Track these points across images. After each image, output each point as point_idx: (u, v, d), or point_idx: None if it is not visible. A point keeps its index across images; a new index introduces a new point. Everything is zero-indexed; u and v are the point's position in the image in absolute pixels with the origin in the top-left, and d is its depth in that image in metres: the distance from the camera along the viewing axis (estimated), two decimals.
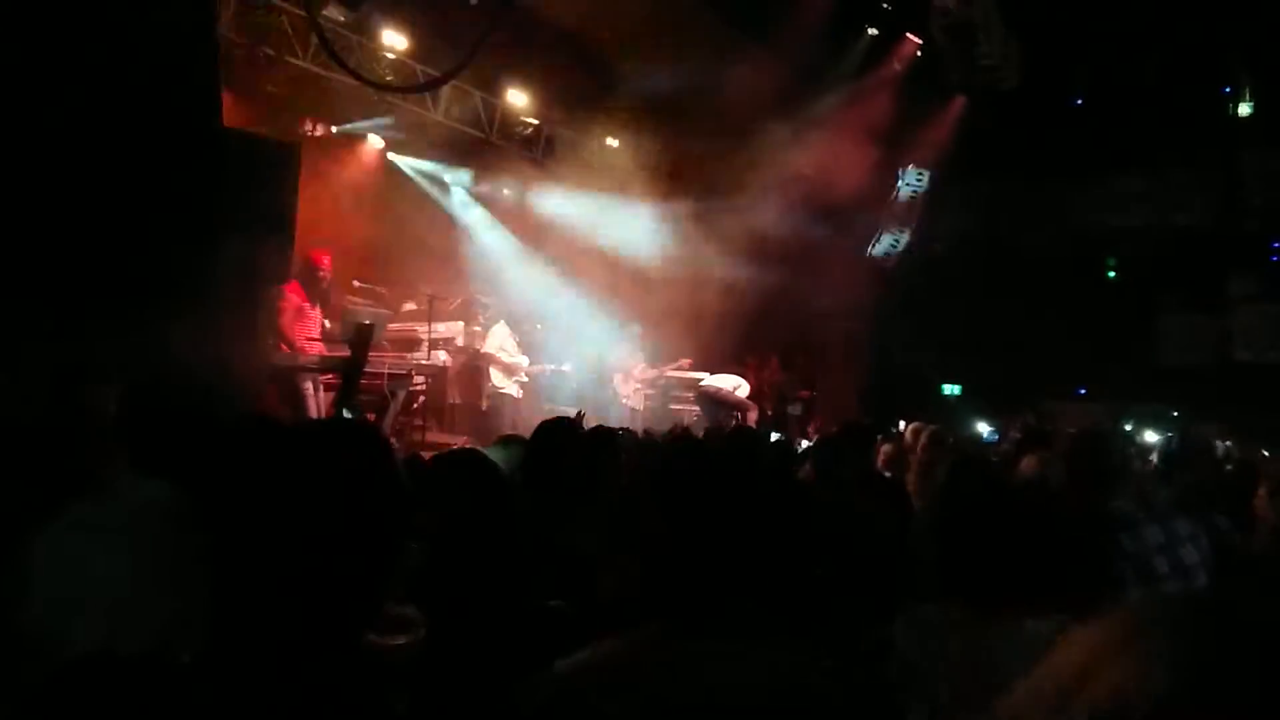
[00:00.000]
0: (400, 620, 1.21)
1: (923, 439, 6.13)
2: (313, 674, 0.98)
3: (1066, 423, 13.89)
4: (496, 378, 10.50)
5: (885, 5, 12.26)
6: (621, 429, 4.60)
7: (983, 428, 6.20)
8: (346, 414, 4.93)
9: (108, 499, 2.17)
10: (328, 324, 8.33)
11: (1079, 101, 16.05)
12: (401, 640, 1.19)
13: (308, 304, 7.99)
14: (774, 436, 7.33)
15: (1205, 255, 15.94)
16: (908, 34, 12.71)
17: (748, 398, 12.01)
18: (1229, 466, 5.49)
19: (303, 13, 9.89)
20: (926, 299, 15.32)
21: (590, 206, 14.54)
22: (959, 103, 14.30)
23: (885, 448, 6.38)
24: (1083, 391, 15.88)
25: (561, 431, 3.98)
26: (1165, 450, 5.38)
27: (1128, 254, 16.95)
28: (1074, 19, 14.04)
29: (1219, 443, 7.71)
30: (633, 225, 13.50)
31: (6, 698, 1.88)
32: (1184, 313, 16.57)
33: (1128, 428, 11.52)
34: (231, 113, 7.65)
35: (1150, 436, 13.23)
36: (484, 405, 10.47)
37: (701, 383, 12.10)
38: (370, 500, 1.07)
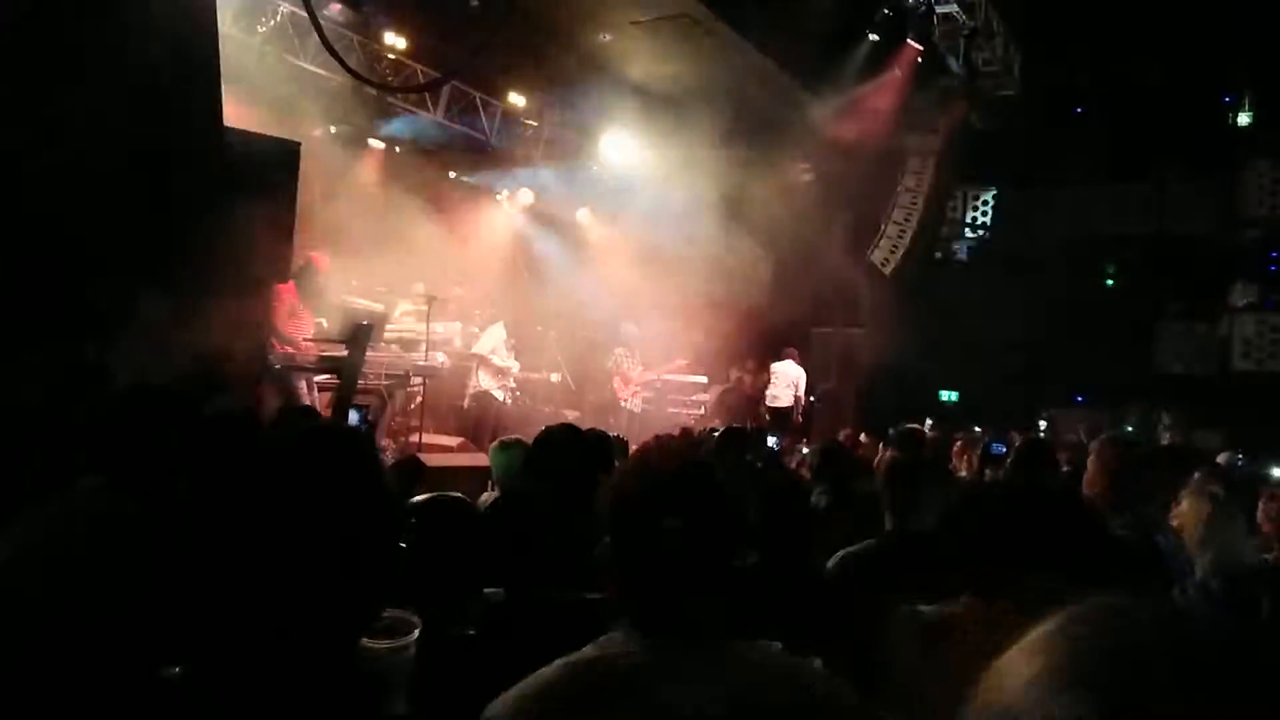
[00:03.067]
0: (395, 623, 1.20)
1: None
2: (305, 680, 0.96)
3: (1065, 430, 13.93)
4: (484, 379, 10.49)
5: (886, 11, 12.25)
6: (615, 435, 4.62)
7: (995, 445, 6.15)
8: (356, 416, 4.87)
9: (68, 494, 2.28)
10: (324, 324, 8.31)
11: (1079, 110, 16.07)
12: (395, 643, 1.17)
13: (299, 304, 7.98)
14: (770, 441, 7.31)
15: (1205, 264, 15.94)
16: (909, 40, 12.71)
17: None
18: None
19: (304, 12, 9.89)
20: (925, 304, 15.30)
21: (588, 208, 14.57)
22: (960, 109, 14.30)
23: (888, 454, 6.38)
24: (1081, 399, 15.86)
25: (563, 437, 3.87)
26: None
27: (1127, 261, 16.95)
28: (1076, 26, 14.05)
29: (1225, 454, 7.70)
30: (630, 227, 13.51)
31: None
32: (1183, 321, 16.56)
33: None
34: (232, 112, 7.63)
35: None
36: (465, 404, 10.47)
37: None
38: (354, 506, 1.05)
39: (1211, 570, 3.05)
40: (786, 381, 13.02)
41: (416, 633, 1.21)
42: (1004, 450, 5.77)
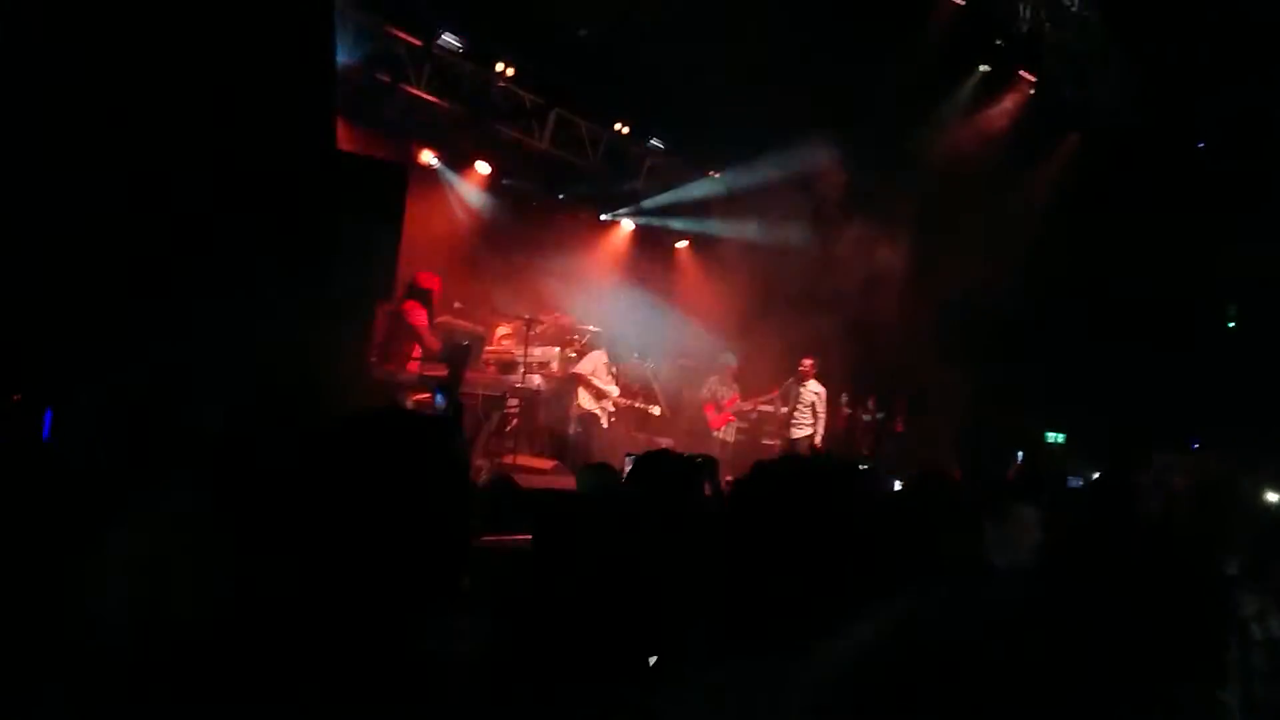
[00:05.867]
0: (459, 629, 1.20)
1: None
2: (370, 660, 0.98)
3: (1182, 477, 13.31)
4: (585, 399, 10.53)
5: (998, 41, 12.03)
6: (701, 456, 4.63)
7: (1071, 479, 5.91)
8: (440, 398, 4.88)
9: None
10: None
11: (1201, 144, 15.47)
12: (460, 649, 1.17)
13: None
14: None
15: None
16: (1021, 71, 12.45)
17: None
18: None
19: (419, 41, 10.21)
20: (1035, 342, 14.89)
21: (689, 238, 14.60)
22: (1073, 140, 13.93)
23: None
24: (1196, 445, 15.16)
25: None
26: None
27: (1250, 302, 16.23)
28: (1197, 56, 13.58)
29: None
30: (730, 257, 13.49)
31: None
32: None
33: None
34: (345, 136, 7.90)
35: (1273, 496, 12.52)
36: (571, 429, 10.46)
37: None
38: (422, 489, 1.06)
39: None
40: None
41: (475, 640, 1.21)
42: (1080, 483, 5.57)
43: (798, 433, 11.91)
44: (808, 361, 11.99)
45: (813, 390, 11.95)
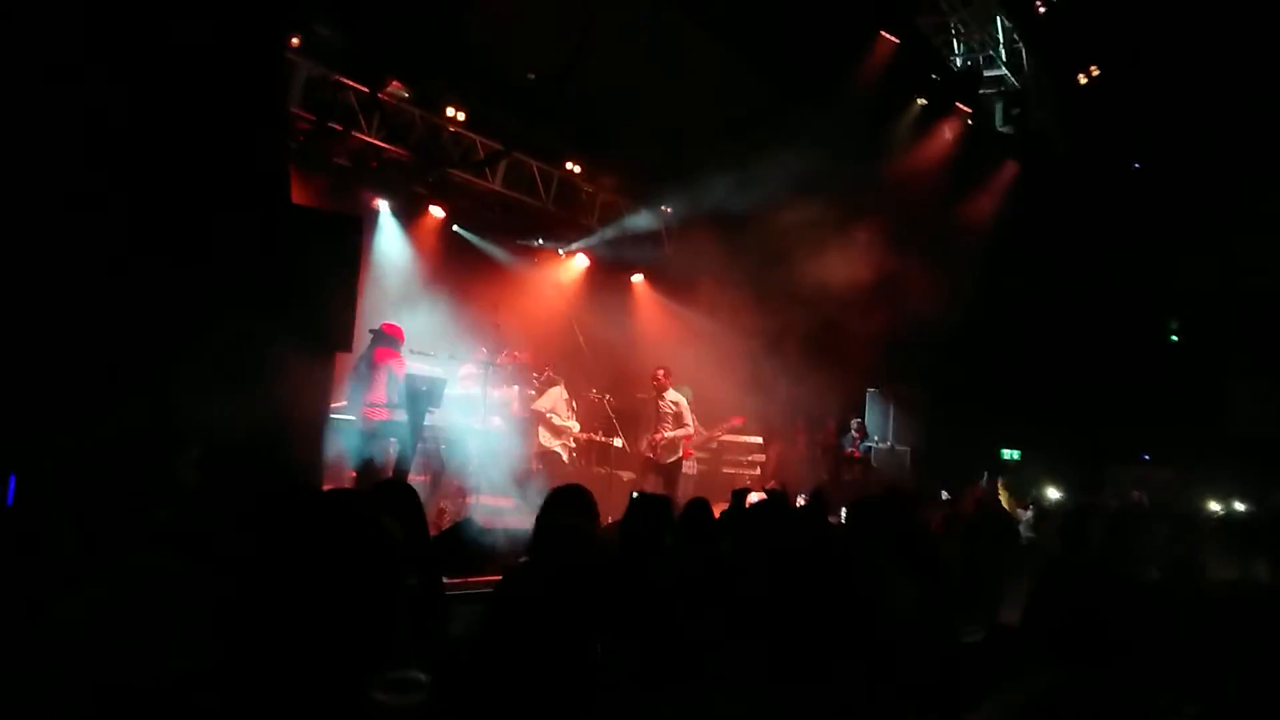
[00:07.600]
0: (404, 681, 1.31)
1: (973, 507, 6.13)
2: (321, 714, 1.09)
3: (1132, 489, 13.60)
4: (544, 437, 10.62)
5: (934, 76, 12.37)
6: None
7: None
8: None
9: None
10: None
11: (1136, 165, 15.92)
12: (404, 698, 1.28)
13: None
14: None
15: (1274, 318, 15.59)
16: (957, 103, 12.80)
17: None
18: None
19: (367, 89, 10.31)
20: (985, 361, 15.19)
21: (645, 270, 14.77)
22: (1011, 168, 14.32)
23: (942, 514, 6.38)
24: (1146, 458, 15.53)
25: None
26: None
27: (1192, 317, 16.65)
28: (1130, 82, 14.02)
29: None
30: (688, 288, 13.67)
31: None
32: (1252, 377, 16.17)
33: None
34: (298, 186, 7.96)
35: (1215, 506, 12.83)
36: (533, 465, 10.53)
37: None
38: (351, 563, 1.19)
39: None
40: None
41: (423, 691, 1.31)
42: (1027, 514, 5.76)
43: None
44: (660, 372, 11.11)
45: (671, 400, 11.07)
